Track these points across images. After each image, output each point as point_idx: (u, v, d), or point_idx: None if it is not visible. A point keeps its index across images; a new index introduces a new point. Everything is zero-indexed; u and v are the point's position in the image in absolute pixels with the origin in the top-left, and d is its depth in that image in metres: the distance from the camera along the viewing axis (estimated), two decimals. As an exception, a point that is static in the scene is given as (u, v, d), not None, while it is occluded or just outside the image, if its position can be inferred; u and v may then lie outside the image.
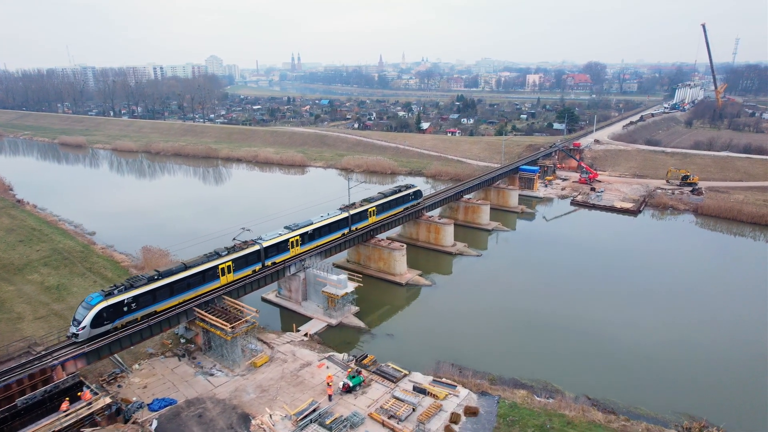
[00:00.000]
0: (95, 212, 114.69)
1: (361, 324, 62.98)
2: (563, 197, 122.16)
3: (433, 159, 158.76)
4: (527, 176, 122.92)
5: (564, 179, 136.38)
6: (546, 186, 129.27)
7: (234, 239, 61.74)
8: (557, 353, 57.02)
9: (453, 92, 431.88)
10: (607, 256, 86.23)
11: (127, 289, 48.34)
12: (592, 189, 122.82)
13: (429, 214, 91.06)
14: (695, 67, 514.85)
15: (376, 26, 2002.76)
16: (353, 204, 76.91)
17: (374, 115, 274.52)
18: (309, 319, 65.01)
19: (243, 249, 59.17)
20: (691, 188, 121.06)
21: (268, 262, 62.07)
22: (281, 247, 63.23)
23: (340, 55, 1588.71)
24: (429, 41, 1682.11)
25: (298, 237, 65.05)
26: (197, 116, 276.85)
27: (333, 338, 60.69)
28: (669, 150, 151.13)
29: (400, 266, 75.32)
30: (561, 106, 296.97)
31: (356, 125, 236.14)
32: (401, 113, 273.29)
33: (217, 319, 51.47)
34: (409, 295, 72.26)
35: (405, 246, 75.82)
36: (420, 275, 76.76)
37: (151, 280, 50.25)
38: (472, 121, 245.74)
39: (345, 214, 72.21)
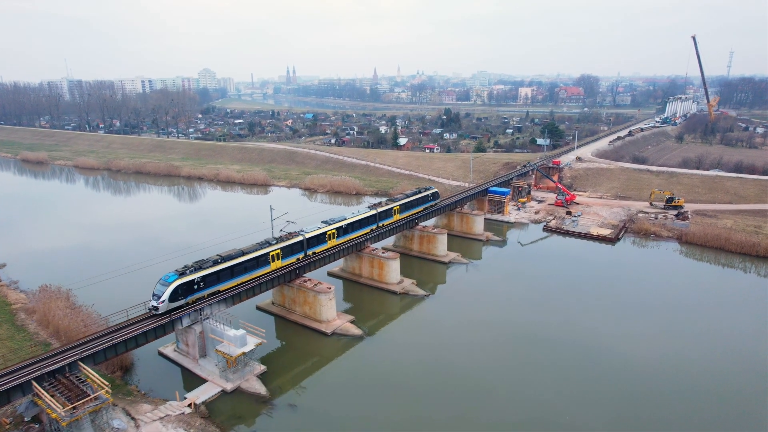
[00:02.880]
0: (22, 238, 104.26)
1: (262, 390, 51.91)
2: (537, 221, 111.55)
3: (403, 178, 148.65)
4: (497, 199, 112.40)
5: (540, 201, 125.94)
6: (519, 209, 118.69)
7: (281, 230, 68.73)
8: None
9: (444, 105, 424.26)
10: (577, 294, 75.33)
11: (196, 269, 54.86)
12: (568, 213, 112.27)
13: (374, 246, 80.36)
14: (690, 79, 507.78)
15: (375, 40, 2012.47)
16: (380, 203, 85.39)
17: (355, 129, 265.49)
18: (204, 381, 54.15)
19: (289, 239, 65.58)
20: (676, 212, 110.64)
21: (310, 252, 68.40)
22: (321, 238, 69.76)
23: (338, 69, 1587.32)
24: (427, 55, 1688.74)
25: (334, 230, 71.80)
26: (174, 131, 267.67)
27: (224, 410, 49.67)
28: (654, 168, 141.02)
29: (327, 312, 64.52)
30: (550, 119, 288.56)
31: (333, 140, 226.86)
32: (383, 128, 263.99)
33: (52, 399, 40.73)
34: (333, 349, 61.21)
35: (333, 288, 65.00)
36: (352, 322, 65.86)
37: (215, 262, 56.82)
38: (455, 136, 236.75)
39: (373, 212, 79.94)
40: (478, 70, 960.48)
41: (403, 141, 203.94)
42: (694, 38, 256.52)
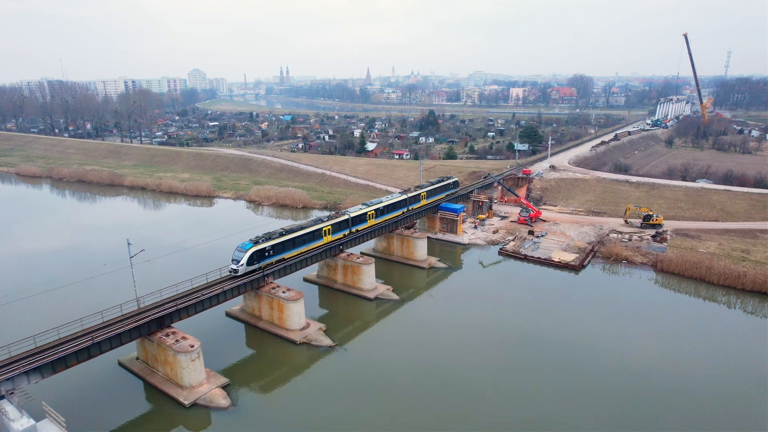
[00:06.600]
0: None
1: (57, 504, 38.46)
2: (494, 243, 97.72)
3: (358, 189, 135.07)
4: (449, 216, 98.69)
5: (503, 217, 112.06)
6: (476, 227, 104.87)
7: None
8: None
9: (432, 107, 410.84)
10: (531, 342, 61.82)
11: (266, 240, 63.83)
12: (531, 232, 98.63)
13: (276, 282, 66.71)
14: (686, 80, 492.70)
15: (374, 41, 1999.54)
16: (409, 189, 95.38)
17: (329, 133, 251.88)
18: (-7, 484, 40.62)
19: (337, 217, 75.23)
20: (653, 232, 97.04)
21: (354, 229, 77.98)
22: (362, 218, 79.60)
23: (334, 70, 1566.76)
24: (426, 56, 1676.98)
25: (373, 211, 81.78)
26: (140, 134, 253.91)
27: None
28: (634, 180, 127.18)
29: (190, 375, 50.90)
30: (537, 122, 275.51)
31: (301, 145, 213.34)
32: (359, 131, 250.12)
33: None
34: (190, 427, 47.57)
35: (198, 345, 51.26)
36: (224, 387, 52.23)
37: (281, 234, 65.86)
38: (431, 140, 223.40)
39: (404, 196, 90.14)
40: (475, 71, 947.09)
41: (371, 146, 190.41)
42: (685, 36, 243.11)
